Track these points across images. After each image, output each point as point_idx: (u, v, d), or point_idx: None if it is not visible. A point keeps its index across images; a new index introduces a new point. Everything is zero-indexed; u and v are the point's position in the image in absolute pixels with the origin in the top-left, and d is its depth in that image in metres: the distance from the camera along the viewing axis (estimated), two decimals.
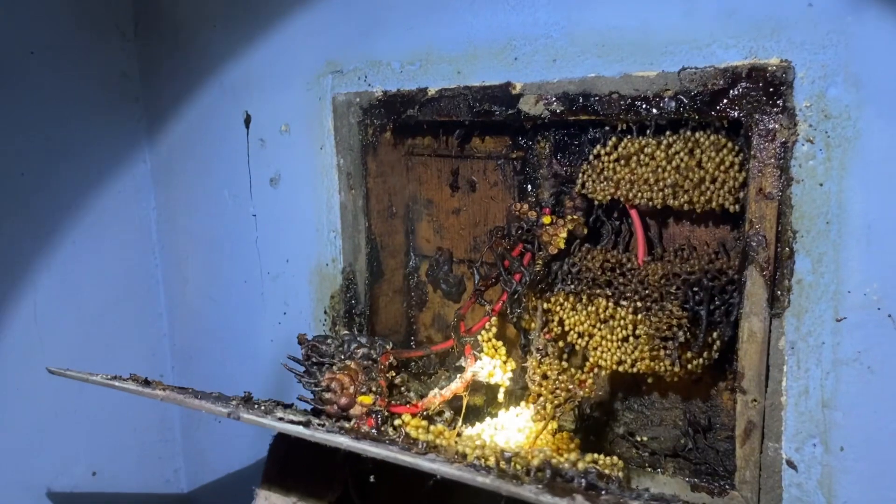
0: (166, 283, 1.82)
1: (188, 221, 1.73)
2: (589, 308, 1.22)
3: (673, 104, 1.10)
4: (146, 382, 0.94)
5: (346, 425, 0.93)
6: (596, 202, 1.23)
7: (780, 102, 1.02)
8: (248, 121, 1.57)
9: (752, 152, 1.05)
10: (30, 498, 1.62)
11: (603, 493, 0.70)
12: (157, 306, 1.81)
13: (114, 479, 1.73)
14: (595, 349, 1.20)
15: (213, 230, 1.69)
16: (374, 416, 0.98)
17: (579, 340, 1.22)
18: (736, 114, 1.05)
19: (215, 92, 1.61)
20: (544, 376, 1.04)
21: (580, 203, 1.24)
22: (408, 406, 1.05)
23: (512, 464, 0.75)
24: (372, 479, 0.79)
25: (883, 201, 0.97)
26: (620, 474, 1.04)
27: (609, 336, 1.20)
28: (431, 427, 0.92)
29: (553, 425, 1.04)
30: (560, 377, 1.04)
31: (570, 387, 1.01)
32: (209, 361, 1.78)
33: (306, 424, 0.82)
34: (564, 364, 1.12)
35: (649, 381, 1.21)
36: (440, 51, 1.29)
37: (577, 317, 1.22)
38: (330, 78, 1.43)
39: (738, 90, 1.05)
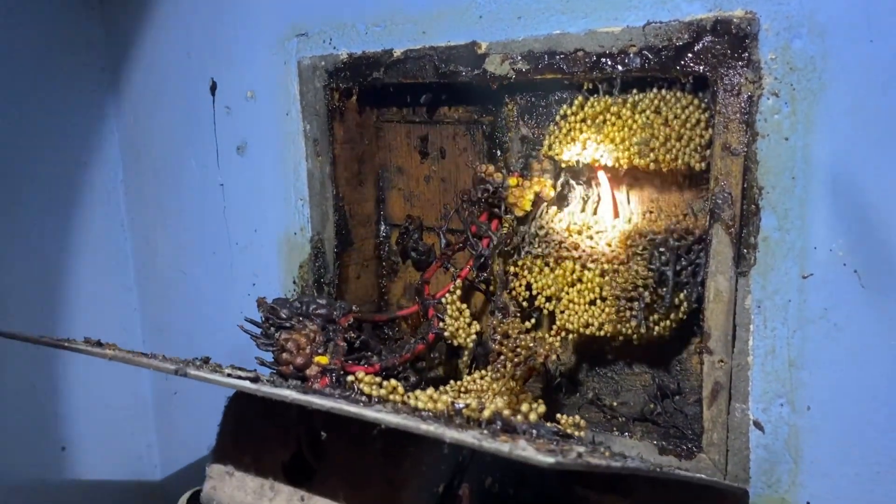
0: (136, 255, 1.79)
1: (156, 192, 1.70)
2: (556, 271, 1.20)
3: (638, 60, 1.08)
4: (98, 344, 0.92)
5: (306, 385, 0.91)
6: (563, 164, 1.21)
7: (745, 56, 1.00)
8: (213, 88, 1.54)
9: (718, 108, 1.03)
10: None
11: (546, 439, 0.68)
12: (126, 279, 1.78)
13: (84, 455, 1.70)
14: (562, 312, 1.19)
15: (182, 201, 1.66)
16: (328, 374, 0.97)
17: (547, 304, 1.21)
18: (701, 68, 1.03)
19: (181, 59, 1.58)
20: (505, 335, 1.03)
21: (548, 165, 1.22)
22: (366, 366, 1.03)
23: (462, 415, 0.73)
24: (323, 435, 0.78)
25: (848, 154, 0.95)
26: (583, 434, 1.03)
27: (576, 299, 1.18)
28: (385, 383, 0.90)
29: (514, 385, 1.03)
30: (521, 336, 1.02)
31: (532, 345, 0.99)
32: (180, 334, 1.75)
33: (254, 380, 0.81)
34: (528, 324, 1.10)
35: (616, 344, 1.20)
36: (405, 11, 1.27)
37: (544, 280, 1.20)
38: (295, 42, 1.40)
39: (702, 44, 1.03)
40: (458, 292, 1.19)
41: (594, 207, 1.24)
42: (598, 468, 0.62)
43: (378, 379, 0.92)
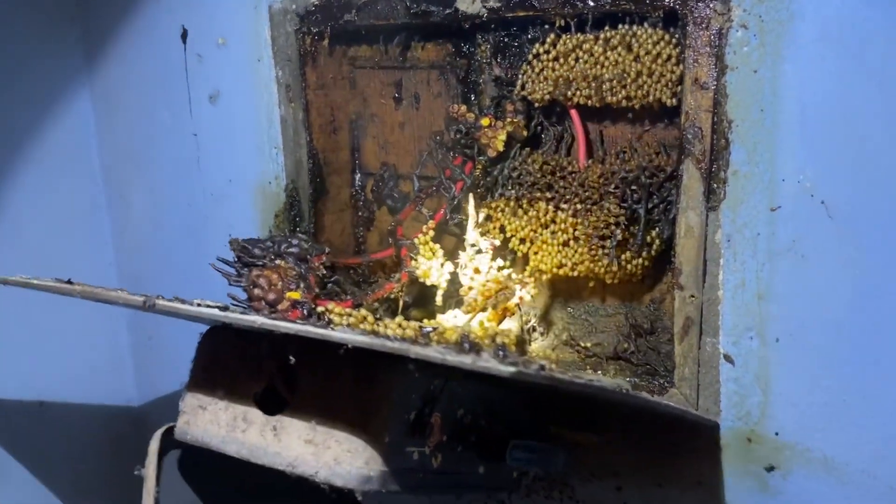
0: (110, 209, 1.77)
1: (130, 144, 1.68)
2: (529, 213, 1.20)
3: None
4: (69, 282, 0.92)
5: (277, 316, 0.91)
6: (536, 104, 1.20)
7: None
8: (184, 35, 1.52)
9: (688, 42, 1.03)
10: None
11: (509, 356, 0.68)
12: (102, 234, 1.77)
13: (62, 409, 1.70)
14: (536, 254, 1.19)
15: (155, 152, 1.64)
16: (300, 307, 0.97)
17: (520, 246, 1.21)
18: (671, 2, 1.03)
19: (151, 6, 1.55)
20: (476, 270, 1.03)
21: (521, 106, 1.21)
22: (338, 302, 1.03)
23: (429, 338, 0.74)
24: (292, 359, 0.78)
25: (816, 85, 0.95)
26: (553, 366, 1.04)
27: (550, 240, 1.18)
28: (354, 312, 0.90)
29: (489, 318, 1.03)
30: (492, 270, 1.02)
31: (502, 279, 0.99)
32: (157, 289, 1.72)
33: (223, 309, 0.81)
34: (500, 262, 1.10)
35: (591, 284, 1.21)
36: None
37: (517, 222, 1.20)
38: None
39: None
40: (432, 233, 1.20)
41: (567, 147, 1.24)
42: (560, 382, 0.63)
43: (348, 310, 0.93)
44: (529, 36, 1.20)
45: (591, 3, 1.08)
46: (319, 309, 0.96)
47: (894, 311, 0.95)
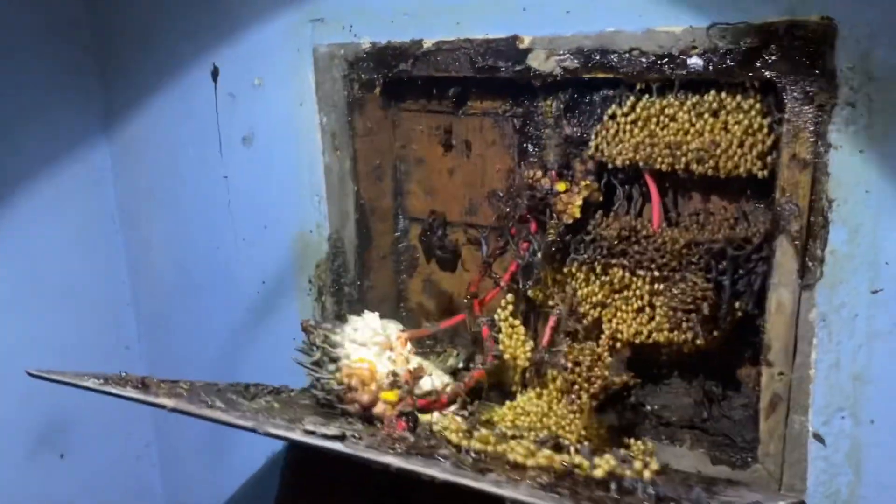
0: (128, 248, 1.68)
1: (150, 183, 1.60)
2: (602, 278, 1.16)
3: (700, 63, 1.02)
4: (143, 385, 0.85)
5: (379, 430, 0.85)
6: (610, 166, 1.15)
7: (819, 64, 0.95)
8: (215, 73, 1.43)
9: (786, 116, 0.98)
10: None
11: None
12: (118, 272, 1.68)
13: (82, 461, 1.63)
14: (610, 321, 1.15)
15: (179, 193, 1.56)
16: (404, 418, 0.91)
17: (592, 311, 1.16)
18: (770, 75, 0.98)
19: (177, 41, 1.46)
20: (576, 362, 0.99)
21: (592, 167, 1.16)
22: (433, 401, 0.98)
23: (574, 476, 0.69)
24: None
25: None
26: (654, 461, 1.00)
27: (624, 307, 1.14)
28: (475, 433, 0.85)
29: (586, 417, 0.99)
30: (595, 362, 0.98)
31: (607, 374, 0.95)
32: (179, 330, 1.67)
33: (342, 438, 0.75)
34: (597, 349, 1.06)
35: (664, 351, 1.17)
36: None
37: (590, 288, 1.16)
38: (310, 27, 1.30)
39: (773, 49, 0.97)
40: (511, 307, 1.14)
41: (638, 208, 1.19)
42: None
43: (463, 425, 0.87)
44: (603, 95, 1.15)
45: (680, 71, 1.03)
46: (435, 428, 0.90)
47: None
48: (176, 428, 1.76)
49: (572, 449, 0.77)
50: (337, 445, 0.71)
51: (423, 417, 0.93)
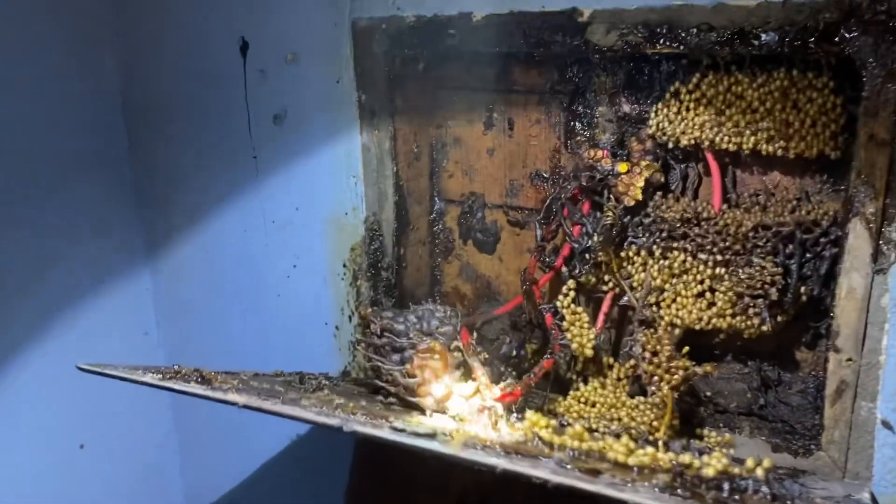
0: (145, 229, 1.62)
1: (170, 161, 1.53)
2: (661, 262, 1.12)
3: (774, 38, 0.98)
4: (204, 379, 0.80)
5: (463, 424, 0.81)
6: (670, 145, 1.11)
7: None
8: (244, 48, 1.37)
9: (866, 94, 0.95)
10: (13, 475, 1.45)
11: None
12: (135, 255, 1.61)
13: (102, 451, 1.57)
14: (669, 307, 1.12)
15: (203, 171, 1.49)
16: (487, 412, 0.87)
17: (649, 297, 1.13)
18: (850, 51, 0.94)
19: (201, 12, 1.39)
20: (654, 352, 0.95)
21: (650, 146, 1.12)
22: (507, 393, 0.93)
23: (684, 476, 0.66)
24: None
25: None
26: (733, 451, 0.97)
27: (684, 292, 1.11)
28: (567, 429, 0.81)
29: (669, 412, 0.95)
30: (675, 354, 0.94)
31: (688, 365, 0.91)
32: (202, 317, 1.61)
33: (433, 436, 0.70)
34: (671, 339, 1.02)
35: (721, 337, 1.14)
36: None
37: (650, 271, 1.12)
38: (348, 0, 1.24)
39: (853, 24, 0.93)
40: (573, 294, 1.10)
41: (694, 189, 1.16)
42: None
43: (552, 422, 0.83)
44: (666, 71, 1.11)
45: (752, 47, 0.99)
46: (524, 423, 0.85)
47: None
48: (196, 415, 1.71)
49: (661, 445, 0.74)
50: (432, 445, 0.67)
51: (502, 412, 0.89)
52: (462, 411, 0.87)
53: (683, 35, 1.02)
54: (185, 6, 1.41)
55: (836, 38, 0.94)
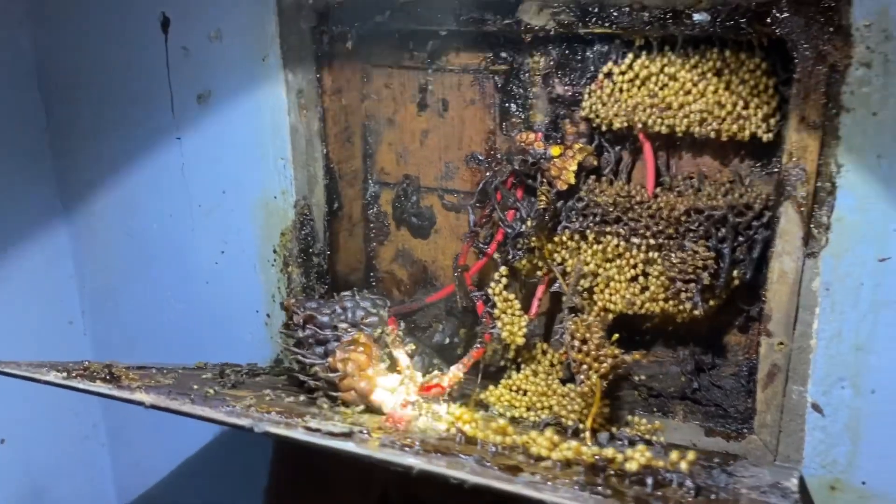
0: (68, 215, 1.55)
1: (92, 144, 1.46)
2: (595, 247, 1.10)
3: (706, 18, 0.96)
4: (112, 377, 0.75)
5: (387, 424, 0.77)
6: (603, 128, 1.09)
7: (834, 20, 0.90)
8: (165, 24, 1.30)
9: (797, 76, 0.93)
10: None
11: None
12: (58, 243, 1.54)
13: (25, 445, 1.51)
14: (602, 291, 1.10)
15: (126, 155, 1.43)
16: (409, 407, 0.83)
17: (583, 282, 1.11)
18: (781, 32, 0.93)
19: None
20: (583, 340, 0.93)
21: (584, 129, 1.10)
22: (436, 385, 0.91)
23: (606, 471, 0.64)
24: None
25: None
26: (663, 439, 0.96)
27: (617, 277, 1.09)
28: (491, 423, 0.78)
29: (597, 402, 0.93)
30: (604, 342, 0.92)
31: (617, 352, 0.90)
32: (128, 305, 1.55)
33: (349, 436, 0.67)
34: (602, 325, 1.00)
35: (654, 321, 1.13)
36: None
37: (582, 257, 1.10)
38: None
39: (785, 5, 0.92)
40: (505, 281, 1.08)
41: (627, 172, 1.14)
42: None
43: (476, 416, 0.81)
44: (599, 52, 1.08)
45: (685, 27, 0.97)
46: (446, 417, 0.82)
47: None
48: (125, 406, 1.65)
49: (587, 436, 0.72)
50: (347, 445, 0.64)
51: (426, 405, 0.86)
52: (386, 405, 0.84)
53: (616, 15, 1.00)
54: None
55: (768, 19, 0.93)
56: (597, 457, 0.68)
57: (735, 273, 1.06)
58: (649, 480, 0.56)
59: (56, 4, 1.40)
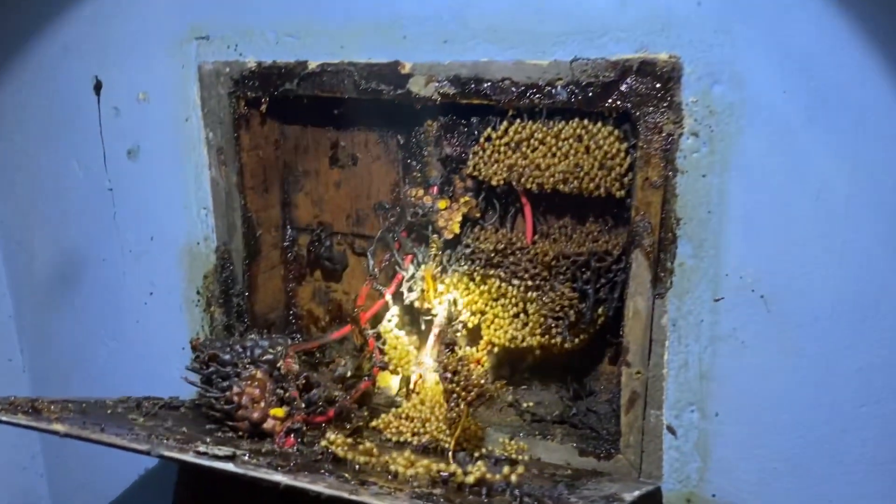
0: (6, 258, 1.65)
1: (30, 193, 1.57)
2: (481, 287, 1.24)
3: (564, 93, 1.11)
4: (34, 410, 0.86)
5: (266, 447, 0.90)
6: (485, 184, 1.23)
7: (668, 97, 1.05)
8: (98, 87, 1.43)
9: (640, 143, 1.09)
10: None
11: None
12: None
13: None
14: (489, 326, 1.24)
15: (62, 204, 1.54)
16: (292, 434, 0.96)
17: (472, 318, 1.25)
18: (625, 106, 1.09)
19: (56, 53, 1.44)
20: (455, 371, 1.06)
21: (471, 184, 1.24)
22: (321, 415, 1.03)
23: (449, 484, 0.77)
24: None
25: (759, 194, 1.04)
26: (528, 457, 1.09)
27: (501, 314, 1.23)
28: (359, 446, 0.91)
29: (463, 423, 1.06)
30: (473, 372, 1.06)
31: (483, 382, 1.03)
32: (65, 343, 1.65)
33: (232, 458, 0.79)
34: (474, 357, 1.14)
35: (537, 353, 1.27)
36: (322, 23, 1.23)
37: (470, 297, 1.24)
38: (195, 45, 1.32)
39: (627, 83, 1.07)
40: (396, 319, 1.21)
41: (511, 221, 1.28)
42: None
43: (348, 440, 0.93)
44: (480, 119, 1.23)
45: (547, 100, 1.12)
46: (322, 443, 0.95)
47: (820, 394, 1.07)
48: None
49: (450, 456, 0.85)
50: (228, 466, 0.76)
51: (315, 431, 0.99)
52: (274, 432, 0.96)
53: (489, 88, 1.15)
54: (41, 44, 1.46)
55: (614, 95, 1.09)
56: (440, 472, 0.81)
57: (600, 311, 1.21)
58: (484, 490, 0.69)
59: None
